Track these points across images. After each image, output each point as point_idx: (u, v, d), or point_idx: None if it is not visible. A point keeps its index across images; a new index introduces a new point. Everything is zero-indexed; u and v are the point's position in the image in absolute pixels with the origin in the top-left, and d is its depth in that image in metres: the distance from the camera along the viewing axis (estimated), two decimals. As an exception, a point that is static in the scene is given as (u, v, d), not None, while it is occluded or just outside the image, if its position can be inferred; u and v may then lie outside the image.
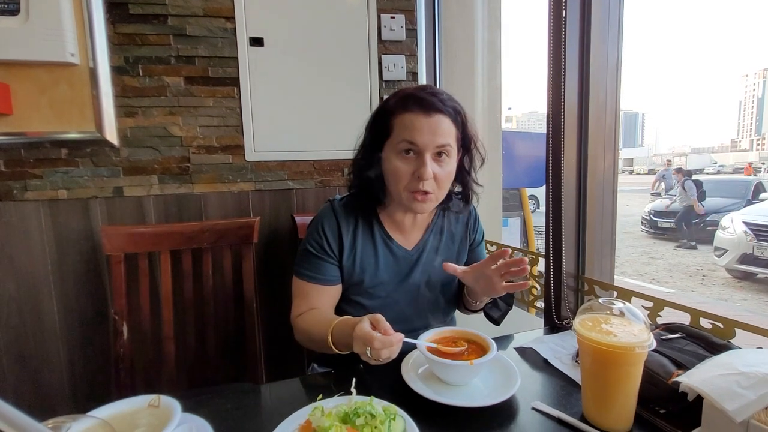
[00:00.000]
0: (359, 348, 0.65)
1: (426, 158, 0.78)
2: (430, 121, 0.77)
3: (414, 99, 0.78)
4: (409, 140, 0.77)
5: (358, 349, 0.65)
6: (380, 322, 0.65)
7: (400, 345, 0.65)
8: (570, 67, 0.96)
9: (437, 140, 0.78)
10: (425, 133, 0.77)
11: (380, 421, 0.51)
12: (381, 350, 0.62)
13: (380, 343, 0.62)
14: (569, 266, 1.00)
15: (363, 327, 0.64)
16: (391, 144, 0.81)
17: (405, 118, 0.78)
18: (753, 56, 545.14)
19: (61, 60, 1.11)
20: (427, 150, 0.78)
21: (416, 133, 0.77)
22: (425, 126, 0.77)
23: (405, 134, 0.78)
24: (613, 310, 0.61)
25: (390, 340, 0.63)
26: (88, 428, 0.39)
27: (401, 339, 0.64)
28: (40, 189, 1.18)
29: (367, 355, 0.63)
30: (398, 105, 0.80)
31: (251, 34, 1.30)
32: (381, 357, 0.63)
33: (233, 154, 1.33)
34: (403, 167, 0.79)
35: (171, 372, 1.11)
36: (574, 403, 0.65)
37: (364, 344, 0.63)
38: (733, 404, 0.47)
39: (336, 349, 0.74)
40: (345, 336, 0.71)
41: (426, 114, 0.77)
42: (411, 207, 0.83)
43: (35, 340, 1.21)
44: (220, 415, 0.63)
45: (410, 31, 1.44)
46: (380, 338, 0.62)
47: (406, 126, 0.78)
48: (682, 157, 59.72)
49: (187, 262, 1.14)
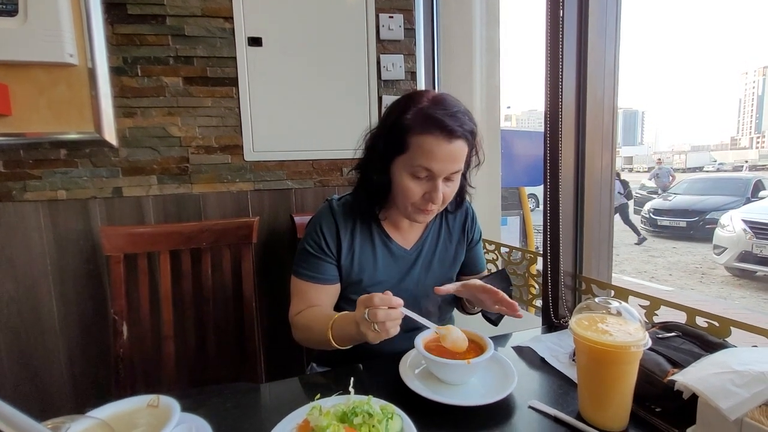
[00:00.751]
0: (359, 313, 0.65)
1: (439, 183, 0.78)
2: (449, 149, 0.75)
3: (434, 122, 0.75)
4: (427, 167, 0.76)
5: (358, 314, 0.66)
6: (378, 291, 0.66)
7: (400, 316, 0.65)
8: (567, 65, 0.96)
9: (453, 168, 0.78)
10: (443, 161, 0.76)
11: (378, 420, 0.52)
12: (378, 310, 0.63)
13: (379, 299, 0.63)
14: (567, 265, 1.00)
15: (364, 295, 0.66)
16: (405, 162, 0.78)
17: (424, 141, 0.75)
18: (753, 54, 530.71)
19: (60, 61, 1.11)
20: (441, 175, 0.77)
21: (434, 161, 0.75)
22: (445, 154, 0.75)
23: (423, 160, 0.76)
24: (609, 309, 0.62)
25: (389, 299, 0.64)
26: (86, 428, 0.39)
27: (401, 303, 0.65)
28: (39, 189, 1.19)
29: (366, 320, 0.64)
30: (417, 124, 0.76)
31: (250, 34, 1.30)
32: (378, 318, 0.63)
33: (232, 154, 1.33)
34: (415, 188, 0.79)
35: (171, 372, 1.12)
36: (570, 401, 0.65)
37: (364, 306, 0.64)
38: (727, 402, 0.48)
39: (335, 344, 0.74)
40: (345, 327, 0.72)
41: (447, 140, 0.75)
42: (414, 219, 0.85)
43: (35, 340, 1.21)
44: (220, 415, 0.63)
45: (409, 30, 1.44)
46: (380, 295, 0.64)
47: (425, 151, 0.75)
48: (681, 154, 59.71)
49: (187, 262, 1.14)
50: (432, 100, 0.78)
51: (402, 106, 0.80)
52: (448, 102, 0.78)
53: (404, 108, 0.78)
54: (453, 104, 0.78)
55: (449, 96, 0.81)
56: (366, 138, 0.87)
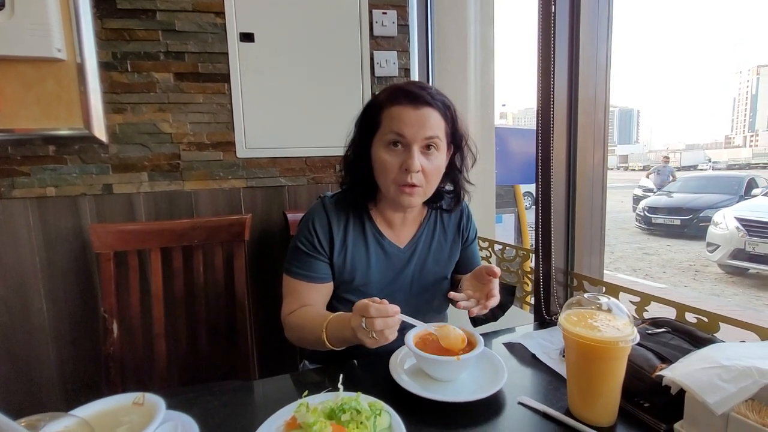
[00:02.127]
0: (356, 321, 0.65)
1: (414, 150, 0.78)
2: (418, 114, 0.77)
3: (402, 92, 0.79)
4: (397, 131, 0.78)
5: (355, 322, 0.65)
6: (377, 300, 0.65)
7: (398, 322, 0.65)
8: (559, 62, 0.96)
9: (425, 132, 0.78)
10: (413, 125, 0.77)
11: (366, 417, 0.52)
12: (376, 319, 0.62)
13: (376, 310, 0.62)
14: (559, 262, 1.01)
15: (362, 300, 0.65)
16: (379, 137, 0.81)
17: (393, 110, 0.79)
18: (746, 53, 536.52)
19: (48, 56, 1.09)
20: (414, 142, 0.78)
21: (404, 125, 0.77)
22: (413, 118, 0.77)
23: (393, 126, 0.78)
24: (598, 305, 0.62)
25: (385, 308, 0.63)
26: (67, 427, 0.38)
27: (398, 311, 0.65)
28: (27, 186, 1.17)
29: (363, 329, 0.63)
30: (387, 98, 0.80)
31: (241, 29, 1.29)
32: (375, 327, 0.62)
33: (224, 151, 1.32)
34: (390, 160, 0.79)
35: (162, 370, 1.11)
36: (560, 397, 0.65)
37: (360, 315, 0.64)
38: (714, 397, 0.48)
39: (330, 345, 0.74)
40: (340, 330, 0.71)
41: (414, 106, 0.78)
42: (399, 200, 0.82)
43: (24, 338, 1.20)
44: (208, 413, 0.63)
45: (402, 26, 1.44)
46: (376, 306, 0.63)
47: (394, 118, 0.78)
48: (676, 153, 60.11)
49: (178, 260, 1.13)
50: (404, 81, 0.82)
51: (376, 94, 0.85)
52: (420, 81, 0.81)
53: (377, 94, 0.84)
54: (425, 84, 0.82)
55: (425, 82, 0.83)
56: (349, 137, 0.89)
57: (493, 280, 0.78)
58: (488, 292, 0.78)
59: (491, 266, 0.78)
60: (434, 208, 0.95)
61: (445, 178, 0.88)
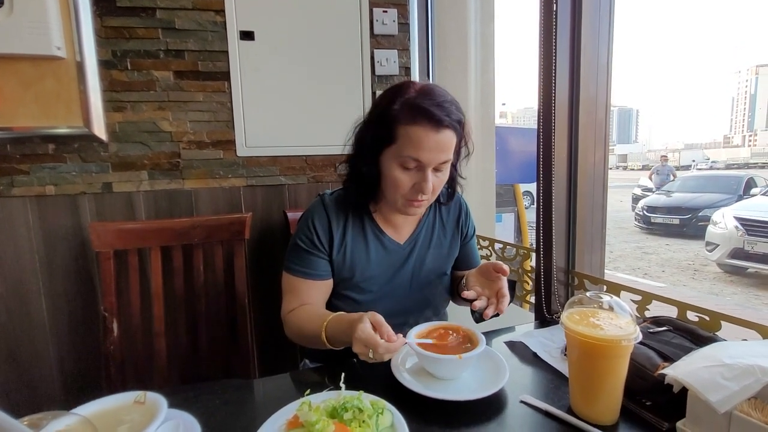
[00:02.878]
0: (359, 349, 0.64)
1: (428, 174, 0.77)
2: (437, 139, 0.75)
3: (422, 112, 0.74)
4: (415, 157, 0.76)
5: (357, 349, 0.64)
6: (382, 326, 0.64)
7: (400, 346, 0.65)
8: (561, 61, 0.96)
9: (442, 157, 0.77)
10: (431, 151, 0.75)
11: (368, 416, 0.51)
12: (384, 354, 0.62)
13: (385, 349, 0.62)
14: (559, 261, 1.01)
15: (365, 329, 0.63)
16: (394, 153, 0.78)
17: (411, 131, 0.75)
18: (746, 52, 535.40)
19: (47, 53, 1.09)
20: (430, 166, 0.77)
21: (423, 151, 0.75)
22: (433, 144, 0.75)
23: (411, 150, 0.75)
24: (600, 303, 0.62)
25: (395, 347, 0.63)
26: (68, 426, 0.38)
27: (403, 343, 0.64)
28: (26, 185, 1.17)
29: (369, 357, 0.63)
30: (404, 114, 0.75)
31: (242, 27, 1.28)
32: (383, 359, 0.63)
33: (224, 150, 1.32)
34: (404, 179, 0.78)
35: (162, 369, 1.11)
36: (562, 396, 0.65)
37: (365, 346, 0.63)
38: (717, 395, 0.48)
39: (329, 345, 0.74)
40: (340, 333, 0.71)
41: (434, 130, 0.74)
42: (404, 211, 0.84)
43: (24, 337, 1.19)
44: (209, 411, 0.62)
45: (403, 25, 1.43)
46: (384, 345, 0.62)
47: (413, 142, 0.75)
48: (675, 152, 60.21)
49: (178, 259, 1.13)
50: (419, 91, 0.77)
51: (389, 97, 0.79)
52: (435, 92, 0.77)
53: (391, 99, 0.78)
54: (440, 94, 0.78)
55: (437, 86, 0.80)
56: (355, 131, 0.87)
57: (502, 278, 0.78)
58: (498, 291, 0.77)
59: (499, 263, 0.78)
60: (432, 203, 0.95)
61: None
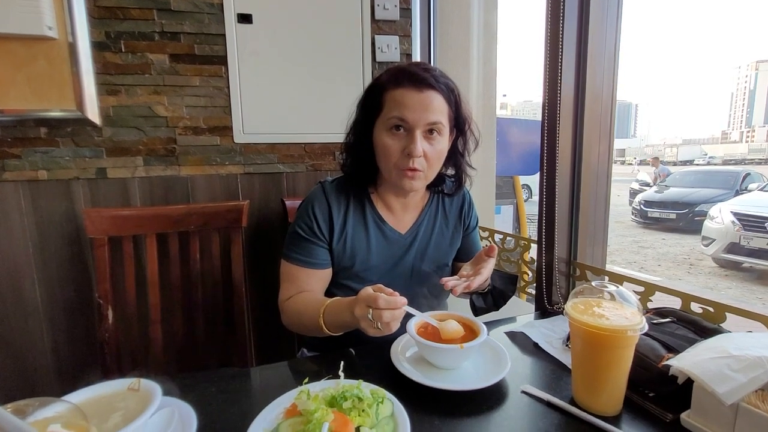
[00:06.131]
0: (361, 311, 0.63)
1: (416, 135, 0.76)
2: (421, 97, 0.75)
3: (406, 74, 0.77)
4: (399, 116, 0.76)
5: (359, 312, 0.63)
6: (383, 289, 0.63)
7: (402, 313, 0.63)
8: (567, 54, 0.94)
9: (428, 117, 0.76)
10: (416, 110, 0.75)
11: (368, 405, 0.50)
12: (384, 311, 0.61)
13: (385, 302, 0.61)
14: (561, 252, 0.99)
15: (367, 289, 0.64)
16: (381, 120, 0.79)
17: (396, 93, 0.76)
18: (746, 48, 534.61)
19: (38, 33, 1.05)
20: (417, 127, 0.76)
21: (406, 109, 0.75)
22: (416, 102, 0.75)
23: (395, 110, 0.76)
24: (605, 293, 0.60)
25: (395, 300, 0.61)
26: (57, 413, 0.37)
27: (405, 302, 0.63)
28: (19, 169, 1.14)
29: (369, 320, 0.61)
30: (390, 80, 0.78)
31: (239, 10, 1.25)
32: (383, 319, 0.61)
33: (221, 136, 1.29)
34: (392, 144, 0.78)
35: (158, 356, 1.10)
36: (563, 386, 0.64)
37: (366, 305, 0.62)
38: (724, 387, 0.47)
39: (327, 330, 0.72)
40: (338, 314, 0.70)
41: (418, 89, 0.75)
42: (400, 184, 0.81)
43: (18, 324, 1.18)
44: (205, 400, 0.61)
45: (404, 10, 1.40)
46: (385, 297, 0.61)
47: (397, 101, 0.76)
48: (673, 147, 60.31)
49: (174, 246, 1.11)
50: (407, 62, 0.79)
51: (379, 74, 0.82)
52: (423, 62, 0.78)
53: (381, 74, 0.81)
54: (428, 65, 0.80)
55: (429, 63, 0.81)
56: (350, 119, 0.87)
57: (489, 260, 0.78)
58: (477, 269, 0.77)
59: (490, 246, 0.77)
60: (436, 192, 0.93)
61: (447, 162, 0.87)
